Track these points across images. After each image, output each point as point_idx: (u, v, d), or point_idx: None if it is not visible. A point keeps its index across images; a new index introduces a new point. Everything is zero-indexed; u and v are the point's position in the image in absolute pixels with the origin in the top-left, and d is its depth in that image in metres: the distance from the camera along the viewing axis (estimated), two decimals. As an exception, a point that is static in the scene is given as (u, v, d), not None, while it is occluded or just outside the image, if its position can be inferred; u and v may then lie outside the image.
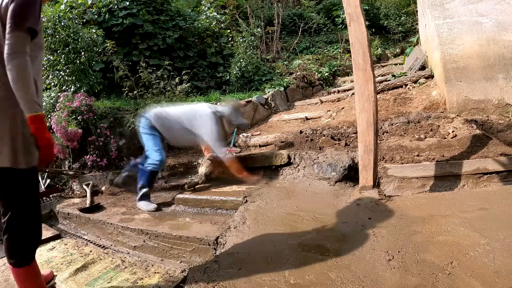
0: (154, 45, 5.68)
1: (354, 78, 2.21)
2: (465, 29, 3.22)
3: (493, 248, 1.37)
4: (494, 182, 2.12)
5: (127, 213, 2.76)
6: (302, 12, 9.99)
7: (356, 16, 2.14)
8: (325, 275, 1.39)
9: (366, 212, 1.92)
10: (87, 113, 3.79)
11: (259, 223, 1.99)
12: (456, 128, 2.79)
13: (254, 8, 8.33)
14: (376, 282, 1.30)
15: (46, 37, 4.12)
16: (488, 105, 3.14)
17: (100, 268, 2.02)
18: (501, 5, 3.14)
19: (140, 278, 1.83)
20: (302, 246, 1.65)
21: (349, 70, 7.22)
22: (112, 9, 5.49)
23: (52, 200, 3.46)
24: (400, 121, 3.25)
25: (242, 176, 2.81)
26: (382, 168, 2.37)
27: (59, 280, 1.92)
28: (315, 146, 3.07)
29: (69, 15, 4.68)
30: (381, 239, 1.60)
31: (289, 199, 2.32)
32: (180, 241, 2.09)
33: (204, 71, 6.27)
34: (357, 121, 2.20)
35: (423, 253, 1.43)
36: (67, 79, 4.20)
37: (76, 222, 2.93)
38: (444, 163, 2.24)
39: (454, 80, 3.24)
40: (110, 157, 3.82)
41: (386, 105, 4.08)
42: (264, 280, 1.42)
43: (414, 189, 2.24)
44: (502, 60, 3.09)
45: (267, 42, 7.88)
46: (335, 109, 4.65)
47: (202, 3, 7.42)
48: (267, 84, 5.82)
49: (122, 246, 2.38)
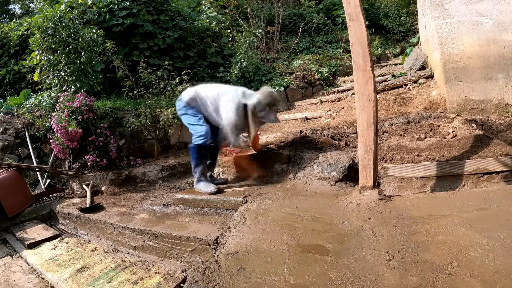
0: (154, 45, 5.69)
1: (354, 78, 2.21)
2: (465, 29, 3.22)
3: (493, 248, 1.37)
4: (494, 182, 2.12)
5: (127, 213, 2.76)
6: (302, 12, 9.99)
7: (356, 16, 2.13)
8: (325, 275, 1.39)
9: (366, 212, 1.92)
10: (87, 113, 3.79)
11: (259, 223, 1.99)
12: (456, 128, 2.79)
13: (254, 8, 8.33)
14: (376, 282, 1.30)
15: (46, 37, 4.12)
16: (488, 105, 3.14)
17: (101, 268, 2.03)
18: (501, 5, 3.14)
19: (140, 278, 1.83)
20: (302, 246, 1.65)
21: (349, 70, 7.22)
22: (112, 9, 5.49)
23: (52, 200, 3.46)
24: (400, 121, 3.25)
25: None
26: (382, 168, 2.37)
27: (59, 279, 1.92)
28: (315, 146, 3.07)
29: (70, 15, 4.69)
30: (381, 239, 1.60)
31: (289, 199, 2.32)
32: (180, 241, 2.10)
33: (204, 71, 6.27)
34: (357, 121, 2.19)
35: (423, 253, 1.43)
36: (67, 79, 4.20)
37: (76, 222, 2.93)
38: (444, 163, 2.24)
39: (454, 80, 3.23)
40: (110, 157, 3.83)
41: (386, 105, 4.08)
42: (264, 280, 1.42)
43: (414, 189, 2.24)
44: (502, 60, 3.09)
45: (267, 42, 7.88)
46: (335, 109, 4.65)
47: (202, 3, 7.42)
48: (267, 84, 5.82)
49: (122, 246, 2.38)
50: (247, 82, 5.98)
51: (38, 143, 4.25)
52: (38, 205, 3.35)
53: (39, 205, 3.36)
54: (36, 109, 4.56)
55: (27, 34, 5.97)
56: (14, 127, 4.24)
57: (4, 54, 6.39)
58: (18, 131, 4.22)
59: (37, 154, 4.11)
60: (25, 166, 3.70)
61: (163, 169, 3.78)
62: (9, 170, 3.30)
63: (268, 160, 3.00)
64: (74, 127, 3.60)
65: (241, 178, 3.04)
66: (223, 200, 2.52)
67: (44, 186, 3.72)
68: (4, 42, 6.45)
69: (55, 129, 3.62)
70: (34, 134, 4.20)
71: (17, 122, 4.31)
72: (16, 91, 5.94)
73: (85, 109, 3.78)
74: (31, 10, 14.12)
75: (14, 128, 4.23)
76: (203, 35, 6.68)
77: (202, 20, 6.81)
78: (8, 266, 2.31)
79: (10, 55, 6.32)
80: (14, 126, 4.26)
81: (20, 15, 13.81)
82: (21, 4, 15.76)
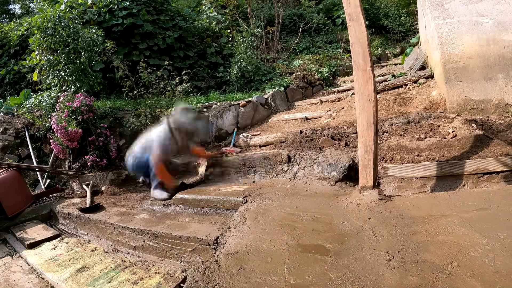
0: (154, 45, 5.68)
1: (354, 78, 2.21)
2: (465, 29, 3.22)
3: (493, 248, 1.37)
4: (494, 182, 2.12)
5: (127, 213, 2.76)
6: (302, 12, 9.98)
7: (356, 16, 2.13)
8: (325, 275, 1.39)
9: (366, 212, 1.92)
10: (87, 113, 3.79)
11: (259, 223, 1.99)
12: (456, 128, 2.79)
13: (254, 8, 8.32)
14: (376, 282, 1.30)
15: (46, 37, 4.11)
16: (488, 105, 3.14)
17: (101, 268, 2.02)
18: (501, 5, 3.14)
19: (140, 278, 1.83)
20: (302, 246, 1.65)
21: (349, 70, 7.22)
22: (112, 9, 5.49)
23: (52, 200, 3.46)
24: (400, 121, 3.25)
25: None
26: (382, 168, 2.37)
27: (60, 279, 1.92)
28: (315, 146, 3.07)
29: (69, 15, 4.68)
30: (381, 239, 1.60)
31: (289, 199, 2.32)
32: (180, 241, 2.09)
33: (204, 71, 6.27)
34: (357, 121, 2.19)
35: (423, 253, 1.43)
36: (67, 79, 4.20)
37: (76, 222, 2.93)
38: (444, 163, 2.24)
39: (454, 80, 3.23)
40: (110, 157, 3.83)
41: (386, 105, 4.07)
42: (264, 280, 1.42)
43: (414, 189, 2.24)
44: (502, 60, 3.09)
45: (267, 42, 7.88)
46: (335, 109, 4.65)
47: (202, 3, 7.42)
48: (267, 84, 5.81)
49: (122, 246, 2.38)
50: (247, 82, 5.98)
51: (38, 143, 4.25)
52: (38, 205, 3.36)
53: (39, 205, 3.36)
54: (36, 109, 4.56)
55: (27, 34, 5.98)
56: (14, 127, 4.24)
57: (4, 54, 6.39)
58: (18, 131, 4.22)
59: (37, 154, 4.11)
60: (25, 166, 3.70)
61: (163, 169, 3.78)
62: (9, 170, 3.30)
63: (268, 160, 3.00)
64: (74, 127, 3.60)
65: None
66: (223, 200, 2.52)
67: (44, 186, 3.72)
68: (4, 42, 6.45)
69: (55, 129, 3.62)
70: (34, 134, 4.20)
71: (17, 122, 4.31)
72: (16, 91, 5.94)
73: (85, 109, 3.78)
74: (31, 10, 14.12)
75: (14, 128, 4.23)
76: (203, 35, 6.68)
77: (202, 20, 6.81)
78: (8, 266, 2.31)
79: (10, 55, 6.33)
80: (14, 126, 4.26)
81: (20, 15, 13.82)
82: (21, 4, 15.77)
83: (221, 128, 4.25)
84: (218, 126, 4.24)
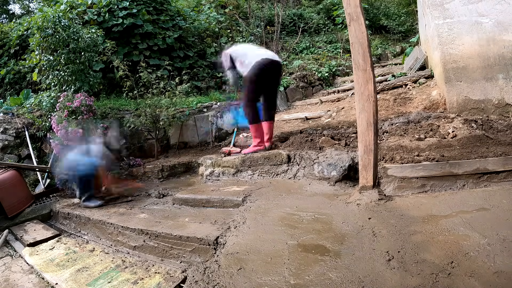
0: (154, 45, 5.68)
1: (354, 78, 2.21)
2: (465, 29, 3.22)
3: (493, 248, 1.37)
4: (494, 182, 2.12)
5: (127, 213, 2.76)
6: (302, 12, 9.99)
7: (356, 16, 2.13)
8: (325, 275, 1.39)
9: (366, 212, 1.92)
10: (87, 113, 3.79)
11: (259, 223, 1.99)
12: (456, 128, 2.79)
13: (254, 8, 8.33)
14: (376, 282, 1.30)
15: (46, 37, 4.11)
16: (488, 105, 3.14)
17: (101, 268, 2.02)
18: (501, 5, 3.14)
19: (140, 278, 1.83)
20: (302, 246, 1.65)
21: (349, 70, 7.22)
22: (112, 9, 5.49)
23: (52, 200, 3.46)
24: (400, 121, 3.25)
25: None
26: (382, 168, 2.37)
27: (59, 279, 1.92)
28: (315, 146, 3.07)
29: (69, 15, 4.68)
30: (381, 239, 1.60)
31: (289, 199, 2.32)
32: (180, 241, 2.09)
33: (204, 71, 6.27)
34: (357, 121, 2.19)
35: (423, 253, 1.43)
36: (67, 79, 4.20)
37: (76, 222, 2.93)
38: (444, 163, 2.24)
39: (454, 80, 3.23)
40: (110, 157, 3.82)
41: (386, 105, 4.08)
42: (264, 280, 1.42)
43: (414, 189, 2.24)
44: (502, 60, 3.09)
45: (267, 42, 7.88)
46: (335, 109, 4.65)
47: (202, 3, 7.42)
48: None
49: (122, 246, 2.38)
50: (247, 82, 5.97)
51: (38, 143, 4.25)
52: (38, 205, 3.35)
53: (39, 205, 3.35)
54: (36, 109, 4.56)
55: (27, 34, 5.97)
56: (14, 127, 4.24)
57: (4, 54, 6.39)
58: (18, 131, 4.22)
59: (37, 154, 4.11)
60: (25, 166, 3.69)
61: (163, 169, 3.78)
62: (9, 170, 3.30)
63: (268, 160, 3.00)
64: (74, 127, 3.60)
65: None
66: (223, 200, 2.51)
67: (44, 186, 3.72)
68: (4, 42, 6.45)
69: (55, 129, 3.62)
70: (34, 134, 4.20)
71: (17, 122, 4.31)
72: (16, 91, 5.93)
73: (85, 109, 3.78)
74: (31, 10, 14.12)
75: (14, 128, 4.23)
76: (203, 35, 6.68)
77: (202, 20, 6.80)
78: (8, 266, 2.31)
79: (10, 55, 6.32)
80: (14, 126, 4.26)
81: (20, 15, 13.81)
82: (21, 4, 15.76)
83: (221, 128, 4.26)
84: (218, 126, 4.24)
